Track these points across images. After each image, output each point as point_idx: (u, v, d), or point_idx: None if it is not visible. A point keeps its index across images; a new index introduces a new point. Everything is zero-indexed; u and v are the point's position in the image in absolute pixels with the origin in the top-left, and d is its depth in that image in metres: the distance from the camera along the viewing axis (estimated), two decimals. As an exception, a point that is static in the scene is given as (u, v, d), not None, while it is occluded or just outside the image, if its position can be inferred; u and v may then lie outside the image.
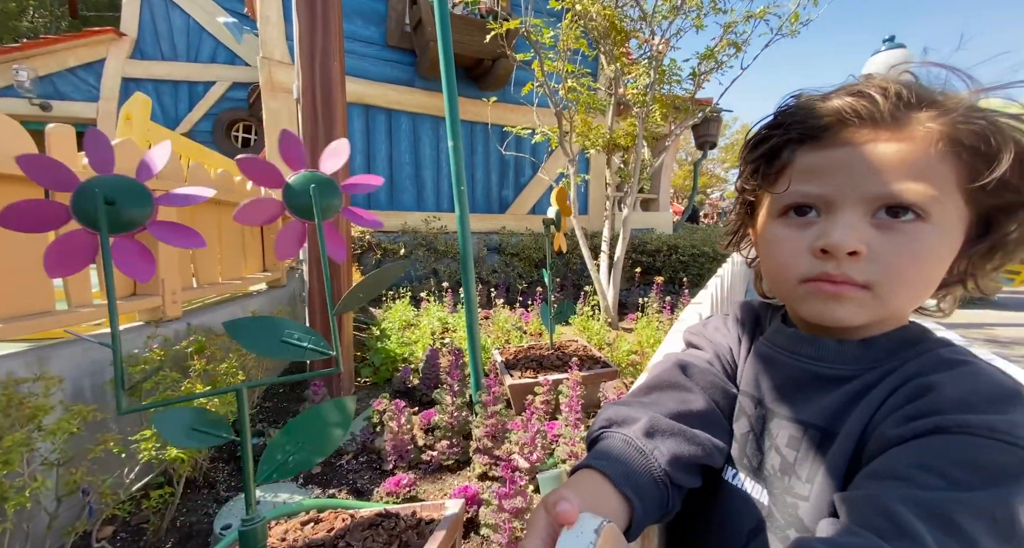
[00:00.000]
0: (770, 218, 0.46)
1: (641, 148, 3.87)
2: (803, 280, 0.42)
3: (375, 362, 2.74)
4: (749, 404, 0.50)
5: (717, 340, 0.57)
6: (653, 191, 7.70)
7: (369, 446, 1.90)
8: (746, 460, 0.48)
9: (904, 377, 0.39)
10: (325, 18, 2.28)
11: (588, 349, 2.73)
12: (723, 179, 23.54)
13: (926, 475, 0.31)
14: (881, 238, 0.38)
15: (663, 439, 0.44)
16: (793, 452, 0.43)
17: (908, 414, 0.35)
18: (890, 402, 0.38)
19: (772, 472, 0.45)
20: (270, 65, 4.45)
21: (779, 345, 0.49)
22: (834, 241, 0.38)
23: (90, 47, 6.65)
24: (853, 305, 0.40)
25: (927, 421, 0.33)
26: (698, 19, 3.47)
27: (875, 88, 0.39)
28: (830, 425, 0.41)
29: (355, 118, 4.93)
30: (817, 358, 0.45)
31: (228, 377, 1.63)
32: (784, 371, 0.47)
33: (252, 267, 2.80)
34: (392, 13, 5.11)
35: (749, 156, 0.47)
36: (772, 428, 0.46)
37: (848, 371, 0.43)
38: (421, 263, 4.89)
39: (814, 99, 0.43)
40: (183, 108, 7.22)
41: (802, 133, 0.41)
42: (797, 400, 0.45)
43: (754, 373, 0.51)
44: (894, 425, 0.35)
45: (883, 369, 0.41)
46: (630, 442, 0.43)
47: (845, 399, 0.41)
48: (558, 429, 1.82)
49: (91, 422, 1.17)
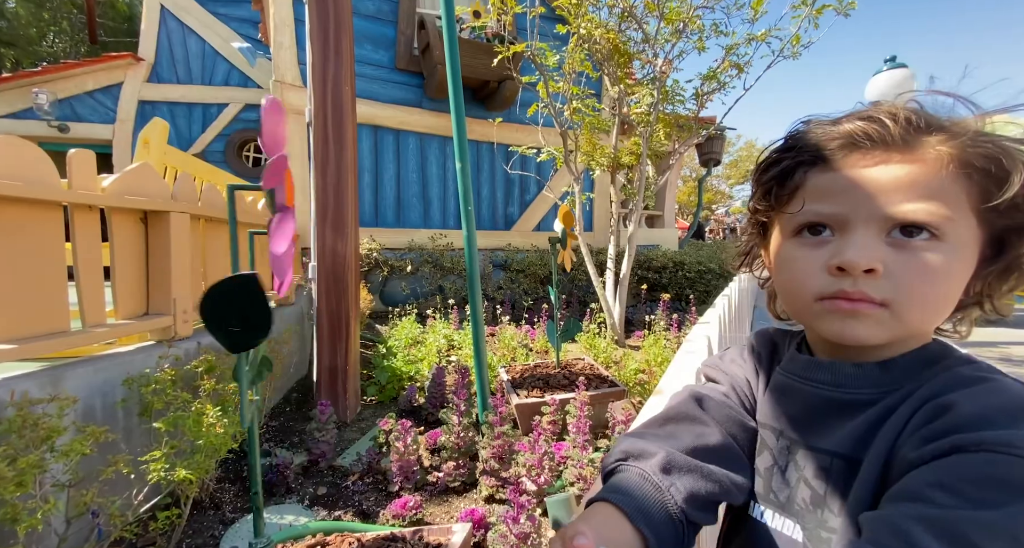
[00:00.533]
0: (784, 238, 0.46)
1: (645, 166, 3.91)
2: (819, 297, 0.42)
3: (381, 380, 2.74)
4: (771, 437, 0.49)
5: (734, 372, 0.56)
6: (658, 208, 7.74)
7: (375, 467, 1.88)
8: (772, 495, 0.46)
9: (923, 398, 0.38)
10: (337, 45, 2.36)
11: (595, 367, 2.71)
12: (728, 195, 23.61)
13: (942, 494, 0.30)
14: (896, 256, 0.38)
15: (680, 476, 0.43)
16: (823, 484, 0.42)
17: (926, 435, 0.35)
18: (911, 424, 0.37)
19: (803, 506, 0.43)
20: (282, 88, 4.57)
21: (795, 373, 0.48)
22: (850, 258, 0.39)
23: (108, 71, 6.87)
24: (872, 322, 0.40)
25: (945, 441, 0.33)
26: (700, 42, 3.55)
27: (884, 113, 0.40)
28: (855, 453, 0.40)
29: (364, 138, 5.03)
30: (835, 384, 0.44)
31: (237, 397, 1.64)
32: (802, 400, 0.46)
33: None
34: (401, 37, 5.26)
35: (761, 178, 0.48)
36: (798, 460, 0.45)
37: (868, 395, 0.42)
38: (427, 280, 4.92)
39: (824, 124, 0.44)
40: (196, 129, 7.41)
41: (813, 155, 0.42)
42: (819, 429, 0.44)
43: (773, 404, 0.50)
44: (913, 447, 0.35)
45: (904, 391, 0.40)
46: (646, 477, 0.43)
47: (867, 425, 0.40)
48: (566, 450, 1.80)
49: (102, 443, 1.18)
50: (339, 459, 2.02)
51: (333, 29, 2.33)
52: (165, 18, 7.23)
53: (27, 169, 1.27)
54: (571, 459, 1.72)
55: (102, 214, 1.58)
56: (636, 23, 3.52)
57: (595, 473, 1.63)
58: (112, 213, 1.61)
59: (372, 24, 5.14)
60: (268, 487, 1.76)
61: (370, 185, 5.17)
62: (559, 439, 1.99)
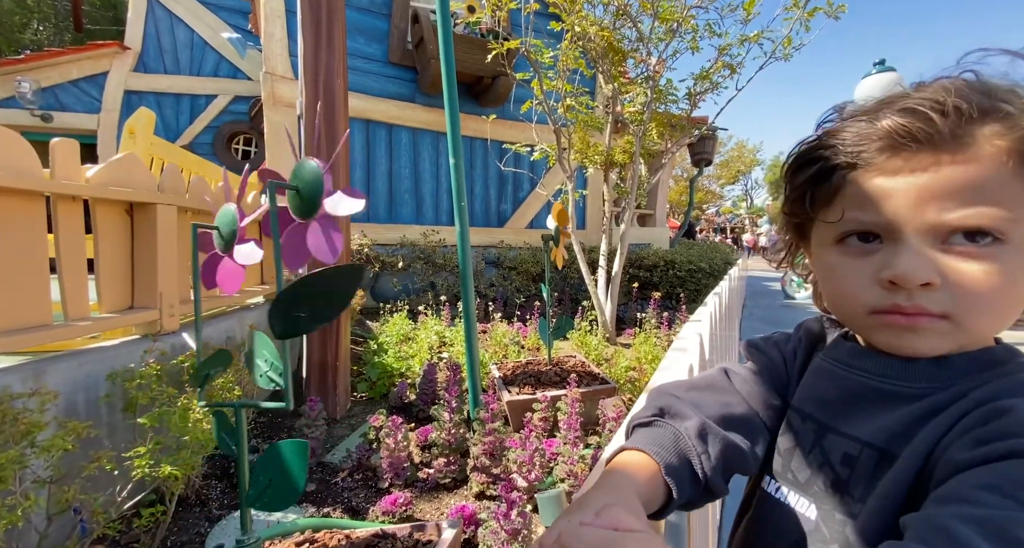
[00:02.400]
0: (826, 244, 0.43)
1: (638, 165, 3.93)
2: (872, 311, 0.39)
3: (372, 377, 2.72)
4: (797, 418, 0.48)
5: (771, 354, 0.55)
6: (650, 207, 7.78)
7: (365, 463, 1.87)
8: (790, 474, 0.46)
9: (977, 401, 0.36)
10: (329, 37, 2.33)
11: (586, 365, 2.72)
12: (718, 195, 23.84)
13: (992, 496, 0.28)
14: (954, 265, 0.35)
15: (713, 443, 0.44)
16: (847, 470, 0.41)
17: (978, 437, 0.33)
18: (960, 426, 0.35)
19: (823, 488, 0.43)
20: (273, 80, 4.51)
21: (837, 359, 0.47)
22: (903, 272, 0.36)
23: (94, 60, 6.72)
24: (933, 336, 0.37)
25: (999, 445, 0.31)
26: (694, 42, 3.56)
27: (930, 105, 0.35)
28: (890, 446, 0.39)
29: (356, 132, 4.98)
30: (880, 374, 0.42)
31: (224, 392, 1.62)
32: (842, 385, 0.45)
33: (250, 280, 2.80)
34: (395, 31, 5.21)
35: (794, 179, 0.45)
36: (826, 444, 0.44)
37: (915, 389, 0.40)
38: (419, 276, 4.89)
39: (859, 117, 0.40)
40: (184, 120, 7.28)
41: (853, 157, 0.39)
42: (855, 416, 0.43)
43: (809, 387, 0.49)
44: (963, 449, 0.33)
45: (956, 390, 0.38)
46: (680, 438, 0.43)
47: (909, 420, 0.38)
48: (556, 447, 1.80)
49: (84, 438, 1.15)
50: (328, 456, 2.01)
51: (325, 20, 2.30)
52: (153, 7, 7.08)
53: (8, 158, 1.24)
54: (562, 455, 1.72)
55: (86, 206, 1.54)
56: (631, 21, 3.52)
57: (586, 470, 1.64)
58: (96, 204, 1.58)
59: (365, 17, 5.08)
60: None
61: (361, 180, 5.12)
62: (550, 436, 2.00)
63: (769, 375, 0.53)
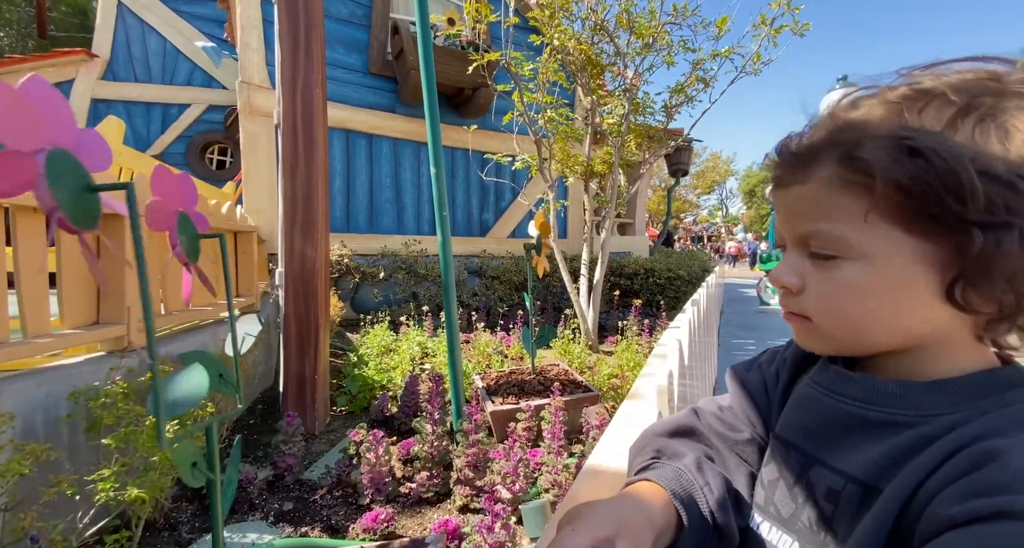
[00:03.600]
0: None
1: (617, 175, 4.00)
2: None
3: (352, 390, 2.66)
4: (781, 448, 0.46)
5: (751, 380, 0.55)
6: (629, 216, 7.91)
7: (345, 479, 1.82)
8: (773, 508, 0.44)
9: (968, 437, 0.33)
10: (308, 46, 2.32)
11: (569, 373, 2.72)
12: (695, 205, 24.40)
13: None
14: (814, 274, 0.40)
15: (712, 477, 0.45)
16: (831, 506, 0.39)
17: (965, 489, 0.29)
18: (948, 466, 0.32)
19: (807, 526, 0.41)
20: (249, 89, 4.44)
21: (822, 384, 0.45)
22: (773, 276, 0.43)
23: (59, 68, 6.52)
24: (807, 334, 0.42)
25: (988, 502, 0.27)
26: (669, 56, 3.67)
27: (781, 146, 0.43)
28: (873, 480, 0.36)
29: (335, 142, 4.94)
30: (865, 400, 0.40)
31: (196, 410, 1.56)
32: (825, 413, 0.43)
33: (224, 292, 2.72)
34: (374, 42, 5.22)
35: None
36: (811, 476, 0.41)
37: (904, 417, 0.37)
38: (401, 287, 4.84)
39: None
40: (155, 130, 7.09)
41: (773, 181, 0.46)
42: (839, 448, 0.40)
43: (793, 414, 0.47)
44: (950, 502, 0.30)
45: (948, 419, 0.35)
46: (682, 474, 0.44)
47: (895, 452, 0.36)
48: (541, 457, 1.79)
49: (43, 462, 1.09)
50: (307, 472, 1.94)
51: (304, 30, 2.29)
52: (123, 14, 6.93)
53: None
54: (546, 465, 1.71)
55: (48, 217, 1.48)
56: (608, 36, 3.61)
57: (570, 479, 1.63)
58: (60, 215, 1.51)
59: (344, 28, 5.07)
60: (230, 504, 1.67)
61: (341, 190, 5.06)
62: (534, 445, 1.98)
63: (747, 405, 0.53)
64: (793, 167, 0.41)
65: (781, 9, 3.29)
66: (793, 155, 0.41)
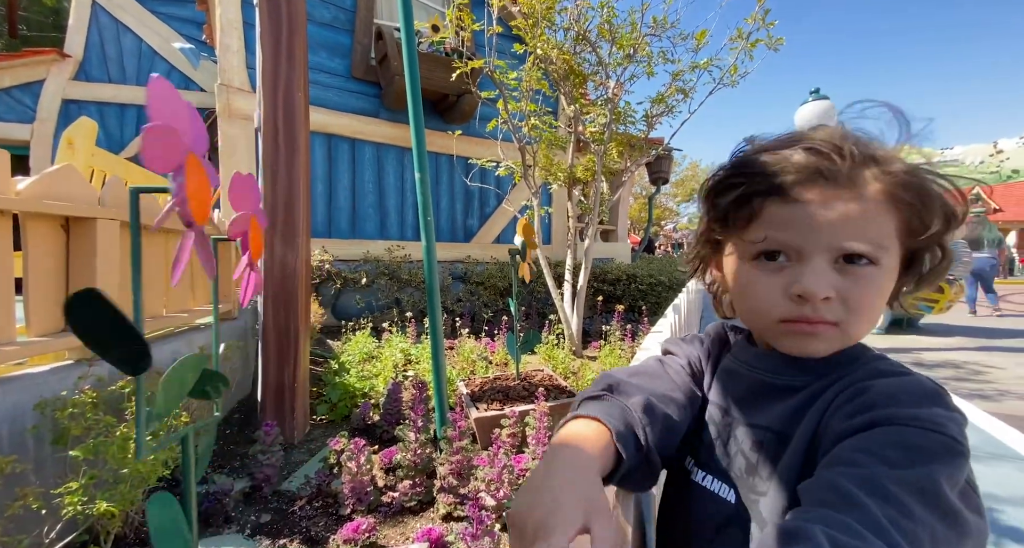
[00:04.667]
0: (742, 260, 0.50)
1: (600, 182, 4.05)
2: (782, 320, 0.47)
3: (332, 398, 2.61)
4: (717, 413, 0.56)
5: (689, 351, 0.64)
6: (612, 223, 8.01)
7: (325, 489, 1.78)
8: (714, 463, 0.53)
9: (845, 384, 0.44)
10: (290, 49, 2.30)
11: (554, 378, 2.73)
12: (675, 212, 24.85)
13: (865, 457, 0.36)
14: (844, 282, 0.44)
15: (654, 417, 0.51)
16: (755, 454, 0.49)
17: (849, 411, 0.41)
18: (835, 403, 0.43)
19: (739, 474, 0.50)
20: (228, 92, 4.37)
21: (743, 360, 0.56)
22: (810, 289, 0.43)
23: (29, 67, 6.30)
24: (827, 340, 0.46)
25: (865, 417, 0.39)
26: (649, 67, 3.75)
27: (831, 147, 0.44)
28: (785, 429, 0.47)
29: (317, 147, 4.88)
30: (775, 372, 0.51)
31: (170, 419, 1.51)
32: (746, 383, 0.54)
33: (201, 299, 2.65)
34: (357, 46, 5.19)
35: (716, 201, 0.51)
36: (737, 434, 0.52)
37: (799, 382, 0.49)
38: (383, 292, 4.79)
39: (771, 149, 0.48)
40: (129, 132, 6.89)
41: (771, 186, 0.45)
42: (757, 408, 0.51)
43: (722, 385, 0.57)
44: (840, 422, 0.41)
45: (829, 380, 0.47)
46: (627, 411, 0.50)
47: (797, 405, 0.47)
48: (525, 463, 1.79)
49: (8, 474, 1.04)
50: (285, 483, 1.90)
51: (286, 33, 2.27)
52: (97, 14, 6.74)
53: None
54: (531, 471, 1.71)
55: (16, 221, 1.42)
56: (590, 46, 3.68)
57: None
58: (28, 219, 1.46)
59: (327, 31, 5.04)
60: (205, 517, 1.61)
61: (323, 195, 5.00)
62: (519, 451, 1.98)
63: (690, 368, 0.62)
64: (836, 178, 0.43)
65: (756, 23, 3.41)
66: (847, 166, 0.43)
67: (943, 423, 0.37)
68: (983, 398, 3.00)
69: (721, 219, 0.51)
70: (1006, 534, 1.47)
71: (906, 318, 5.57)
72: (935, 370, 3.74)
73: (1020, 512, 1.60)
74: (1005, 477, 1.87)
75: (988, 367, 3.82)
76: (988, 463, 1.97)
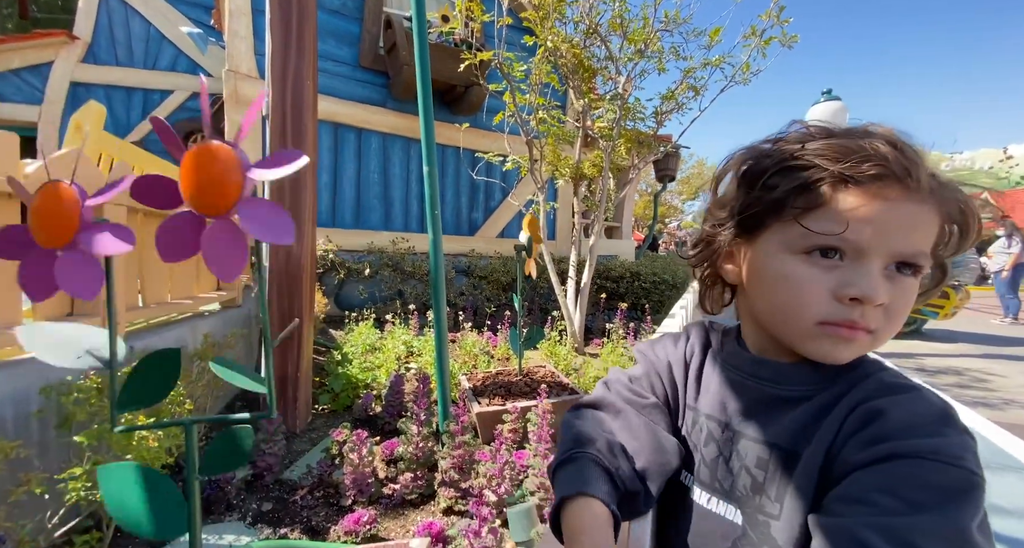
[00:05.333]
0: (785, 252, 0.44)
1: (607, 179, 4.02)
2: (821, 322, 0.42)
3: (335, 388, 2.62)
4: (716, 428, 0.52)
5: (657, 357, 0.62)
6: (617, 220, 7.97)
7: (326, 480, 1.79)
8: (717, 483, 0.50)
9: (855, 401, 0.42)
10: (300, 37, 2.27)
11: (556, 375, 2.73)
12: (680, 210, 24.73)
13: (887, 499, 0.34)
14: (891, 289, 0.41)
15: (619, 455, 0.52)
16: (762, 472, 0.46)
17: (864, 440, 0.39)
18: (847, 427, 0.41)
19: (744, 493, 0.47)
20: (236, 78, 4.34)
21: (742, 369, 0.52)
22: (871, 293, 0.40)
23: (38, 49, 6.28)
24: (858, 348, 0.43)
25: (882, 447, 0.37)
26: (660, 63, 3.71)
27: (911, 149, 0.41)
28: (793, 445, 0.44)
29: (323, 136, 4.86)
30: (775, 381, 0.48)
31: (174, 407, 1.51)
32: (748, 395, 0.50)
33: (205, 286, 2.65)
34: (366, 35, 5.15)
35: (773, 181, 0.44)
36: (740, 449, 0.48)
37: (803, 391, 0.46)
38: (387, 284, 4.79)
39: (851, 137, 0.42)
40: (136, 116, 6.88)
41: (853, 175, 0.40)
42: (762, 422, 0.48)
43: (720, 397, 0.53)
44: (854, 450, 0.39)
45: (835, 391, 0.44)
46: (599, 461, 0.50)
47: (805, 420, 0.44)
48: (527, 459, 1.79)
49: (12, 459, 1.04)
50: (287, 472, 1.90)
51: (296, 19, 2.24)
52: (106, -4, 6.70)
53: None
54: (532, 468, 1.71)
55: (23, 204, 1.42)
56: (600, 40, 3.63)
57: (555, 481, 1.63)
58: (35, 202, 1.45)
59: (336, 19, 5.00)
60: (207, 504, 1.62)
61: (328, 185, 4.99)
62: (520, 447, 1.98)
63: (654, 377, 0.60)
64: (919, 181, 0.40)
65: (771, 21, 3.35)
66: (927, 171, 0.41)
67: (961, 456, 0.35)
68: (987, 406, 2.99)
69: (775, 203, 0.44)
70: (1015, 546, 1.46)
71: (910, 324, 5.54)
72: (938, 376, 3.72)
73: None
74: (1009, 487, 1.87)
75: (991, 375, 3.80)
76: (993, 473, 1.96)
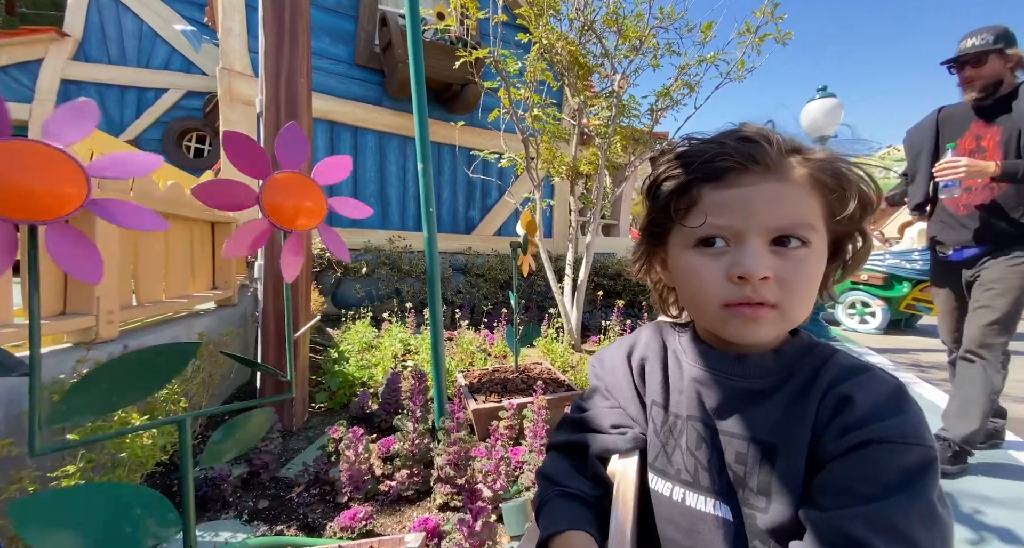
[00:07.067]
0: (683, 249, 0.50)
1: (603, 176, 4.02)
2: (724, 304, 0.46)
3: (331, 386, 2.62)
4: (693, 428, 0.53)
5: (615, 368, 0.65)
6: (613, 217, 7.98)
7: (323, 477, 1.79)
8: (705, 481, 0.52)
9: (822, 389, 0.46)
10: (293, 34, 2.26)
11: (552, 372, 2.74)
12: (677, 207, 24.89)
13: (865, 485, 0.38)
14: (780, 263, 0.45)
15: (578, 479, 0.58)
16: (742, 466, 0.48)
17: (838, 428, 0.42)
18: (821, 415, 0.44)
19: (727, 487, 0.49)
20: (230, 76, 4.32)
21: (711, 367, 0.53)
22: (749, 269, 0.44)
23: (27, 46, 6.22)
24: (767, 324, 0.46)
25: (856, 434, 0.40)
26: (655, 60, 3.71)
27: (760, 136, 0.46)
28: (771, 438, 0.46)
29: (319, 134, 4.84)
30: (744, 375, 0.50)
31: (169, 405, 1.51)
32: (721, 391, 0.52)
33: (201, 284, 2.64)
34: (361, 33, 5.13)
35: (657, 193, 0.52)
36: (720, 446, 0.50)
37: (770, 383, 0.49)
38: (384, 282, 4.78)
39: (707, 142, 0.49)
40: (129, 114, 6.84)
41: (707, 173, 0.47)
42: (736, 417, 0.50)
43: (695, 396, 0.54)
44: (831, 440, 0.42)
45: (800, 379, 0.48)
46: (566, 493, 0.55)
47: (778, 411, 0.47)
48: (522, 455, 1.79)
49: (4, 457, 1.04)
50: (283, 470, 1.90)
51: (290, 17, 2.23)
52: (97, -7, 6.64)
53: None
54: (527, 463, 1.71)
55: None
56: (595, 37, 3.62)
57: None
58: (26, 200, 1.44)
59: (331, 17, 4.97)
60: (202, 502, 1.62)
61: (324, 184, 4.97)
62: (516, 444, 1.99)
63: (613, 389, 0.64)
64: (767, 162, 0.45)
65: (765, 18, 3.36)
66: (775, 152, 0.46)
67: (921, 433, 0.40)
68: (979, 400, 3.00)
69: (663, 210, 0.51)
70: (1010, 540, 1.47)
71: (904, 319, 5.57)
72: (930, 372, 3.75)
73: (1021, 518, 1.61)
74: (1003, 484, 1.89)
75: (985, 369, 3.82)
76: (987, 469, 1.98)
